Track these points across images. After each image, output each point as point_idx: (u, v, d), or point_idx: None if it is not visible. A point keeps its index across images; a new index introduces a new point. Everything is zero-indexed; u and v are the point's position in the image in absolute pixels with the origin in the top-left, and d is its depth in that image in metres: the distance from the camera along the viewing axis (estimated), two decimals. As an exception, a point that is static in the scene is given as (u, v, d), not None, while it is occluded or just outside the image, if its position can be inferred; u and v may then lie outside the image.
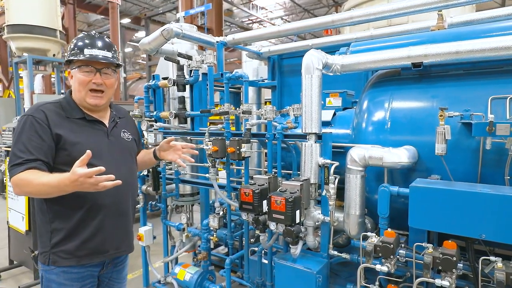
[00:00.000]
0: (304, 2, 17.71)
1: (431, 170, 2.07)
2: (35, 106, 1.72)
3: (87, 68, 1.72)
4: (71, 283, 1.73)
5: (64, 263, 1.70)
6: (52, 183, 1.52)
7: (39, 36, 8.27)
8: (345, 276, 2.62)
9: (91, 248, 1.73)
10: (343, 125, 2.70)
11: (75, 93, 1.76)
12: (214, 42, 3.21)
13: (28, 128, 1.64)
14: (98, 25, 20.24)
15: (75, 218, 1.69)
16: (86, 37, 1.77)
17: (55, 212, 1.70)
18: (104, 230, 1.75)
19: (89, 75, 1.72)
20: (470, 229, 1.66)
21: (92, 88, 1.73)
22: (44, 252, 1.72)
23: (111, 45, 1.80)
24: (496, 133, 1.70)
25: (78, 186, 1.45)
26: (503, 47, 1.78)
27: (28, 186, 1.56)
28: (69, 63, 1.76)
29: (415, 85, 2.25)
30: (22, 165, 1.59)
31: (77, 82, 1.72)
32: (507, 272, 1.54)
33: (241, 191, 2.21)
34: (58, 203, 1.67)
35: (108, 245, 1.78)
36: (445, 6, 2.35)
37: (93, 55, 1.70)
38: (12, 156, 1.62)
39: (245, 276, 3.00)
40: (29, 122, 1.65)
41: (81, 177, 1.42)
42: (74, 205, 1.69)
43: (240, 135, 2.69)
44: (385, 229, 2.00)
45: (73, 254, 1.70)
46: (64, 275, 1.71)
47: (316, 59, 2.18)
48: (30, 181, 1.55)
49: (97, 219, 1.72)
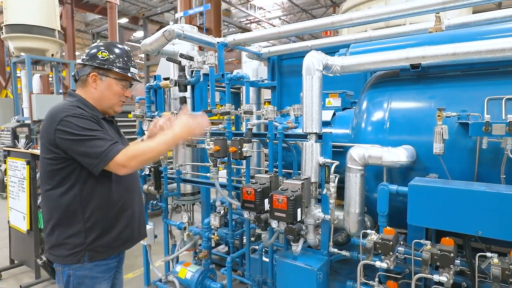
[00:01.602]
0: (302, 2, 17.76)
1: (429, 169, 2.12)
2: (65, 106, 1.72)
3: (125, 83, 1.91)
4: (103, 275, 1.84)
5: (101, 256, 1.80)
6: (167, 136, 1.73)
7: (38, 36, 8.26)
8: (345, 273, 2.66)
9: (125, 238, 1.87)
10: (342, 125, 2.74)
11: (104, 100, 1.87)
12: (215, 43, 3.24)
13: (85, 121, 1.67)
14: (96, 24, 20.19)
15: (113, 212, 1.81)
16: (124, 52, 1.91)
17: (92, 210, 1.75)
18: (134, 219, 1.92)
19: (123, 88, 1.90)
20: (467, 226, 1.71)
21: (122, 100, 1.93)
22: (75, 252, 1.74)
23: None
24: (492, 133, 1.75)
25: (188, 129, 1.74)
26: (499, 49, 1.82)
27: (148, 152, 1.67)
28: (98, 68, 1.82)
29: (413, 86, 2.30)
30: (118, 144, 1.68)
31: (111, 91, 1.86)
32: (502, 267, 1.58)
33: (243, 190, 2.25)
34: (96, 199, 1.76)
35: (136, 232, 1.95)
36: (442, 9, 2.39)
37: (134, 74, 1.92)
38: (98, 142, 1.64)
39: (246, 274, 3.04)
40: (79, 116, 1.67)
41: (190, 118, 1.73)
42: (114, 200, 1.80)
43: (241, 135, 2.73)
44: (384, 227, 2.04)
45: (110, 246, 1.82)
46: (97, 268, 1.80)
47: (316, 60, 2.22)
48: (145, 147, 1.69)
49: (129, 210, 1.88)
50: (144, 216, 2.11)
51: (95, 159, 1.63)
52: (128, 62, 1.90)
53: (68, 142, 1.65)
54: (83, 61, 1.85)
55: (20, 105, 9.01)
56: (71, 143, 1.65)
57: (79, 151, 1.65)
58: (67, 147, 1.66)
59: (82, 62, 1.85)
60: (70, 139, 1.64)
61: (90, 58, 1.84)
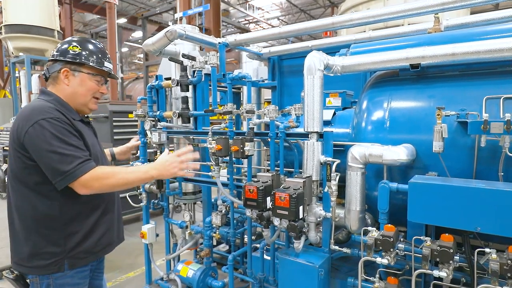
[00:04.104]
0: (301, 2, 17.80)
1: (429, 167, 2.15)
2: (44, 107, 1.62)
3: (100, 78, 1.82)
4: (83, 280, 1.78)
5: (82, 263, 1.72)
6: (141, 169, 1.68)
7: (37, 36, 8.27)
8: (345, 271, 2.70)
9: (105, 242, 1.81)
10: (343, 124, 2.77)
11: (77, 96, 1.76)
12: (216, 43, 3.27)
13: (60, 129, 1.57)
14: (94, 24, 20.19)
15: (94, 218, 1.74)
16: (98, 47, 1.83)
17: (72, 216, 1.68)
18: (114, 223, 1.87)
19: (98, 84, 1.82)
20: (466, 222, 1.74)
21: (96, 96, 1.83)
22: (55, 261, 1.64)
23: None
24: (491, 131, 1.79)
25: (166, 168, 1.69)
26: (498, 49, 1.85)
27: (113, 177, 1.59)
28: (70, 63, 1.73)
29: (413, 85, 2.33)
30: (89, 161, 1.60)
31: (85, 87, 1.77)
32: (501, 262, 1.62)
33: (246, 188, 2.28)
34: (77, 205, 1.68)
35: (115, 236, 1.90)
36: (441, 10, 2.43)
37: (109, 69, 1.83)
38: (66, 158, 1.53)
39: (248, 271, 3.07)
40: (55, 123, 1.57)
41: (174, 157, 1.69)
42: (94, 205, 1.74)
43: (242, 134, 2.76)
44: (385, 224, 2.07)
45: (91, 251, 1.74)
46: (78, 274, 1.73)
47: (318, 60, 2.25)
48: (115, 172, 1.61)
49: (109, 214, 1.82)
50: (122, 219, 2.03)
51: (59, 176, 1.54)
52: (102, 57, 1.80)
53: (35, 148, 1.54)
54: (53, 57, 1.74)
55: (19, 105, 9.01)
56: (39, 151, 1.54)
57: (45, 162, 1.54)
58: (33, 153, 1.55)
59: (53, 58, 1.74)
60: (39, 146, 1.53)
61: (61, 54, 1.73)
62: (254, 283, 3.06)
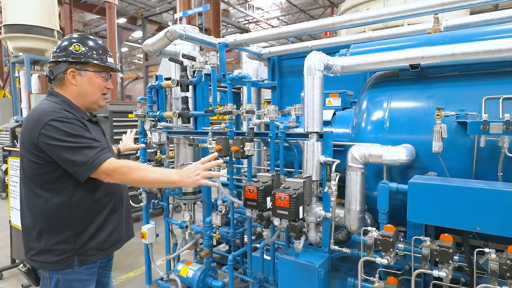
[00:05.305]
0: (300, 2, 17.81)
1: (428, 167, 2.16)
2: (52, 109, 1.64)
3: (105, 74, 1.83)
4: (92, 277, 1.82)
5: (91, 259, 1.75)
6: (164, 171, 1.69)
7: (37, 36, 8.26)
8: (345, 271, 2.71)
9: (114, 239, 1.85)
10: (342, 124, 2.78)
11: (86, 95, 1.78)
12: (216, 44, 3.28)
13: (72, 125, 1.60)
14: (94, 24, 20.17)
15: (103, 216, 1.77)
16: (98, 43, 1.84)
17: (82, 215, 1.70)
18: (122, 220, 1.91)
19: (104, 80, 1.83)
20: (466, 222, 1.75)
21: (104, 92, 1.85)
22: (65, 258, 1.68)
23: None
24: (490, 132, 1.79)
25: (189, 175, 1.67)
26: (496, 49, 1.86)
27: (135, 172, 1.60)
28: (75, 63, 1.72)
29: (413, 85, 2.34)
30: (106, 150, 1.63)
31: (94, 86, 1.79)
32: (500, 262, 1.63)
33: (246, 188, 2.28)
34: (87, 204, 1.71)
35: (124, 233, 1.93)
36: (441, 10, 2.44)
37: (112, 63, 1.84)
38: (83, 150, 1.56)
39: (248, 271, 3.07)
40: (65, 121, 1.60)
41: (198, 164, 1.68)
42: (103, 204, 1.77)
43: (242, 134, 2.76)
44: (384, 224, 2.08)
45: (100, 248, 1.78)
46: (87, 271, 1.77)
47: (317, 60, 2.26)
48: (138, 168, 1.63)
49: (118, 211, 1.86)
50: (131, 215, 2.07)
51: (80, 167, 1.57)
52: (104, 53, 1.81)
53: (52, 148, 1.57)
54: (56, 57, 1.73)
55: (19, 105, 9.01)
56: (55, 149, 1.57)
57: (64, 158, 1.57)
58: (51, 153, 1.58)
59: (56, 59, 1.73)
60: (55, 144, 1.56)
61: (64, 54, 1.72)
62: (254, 283, 3.06)
